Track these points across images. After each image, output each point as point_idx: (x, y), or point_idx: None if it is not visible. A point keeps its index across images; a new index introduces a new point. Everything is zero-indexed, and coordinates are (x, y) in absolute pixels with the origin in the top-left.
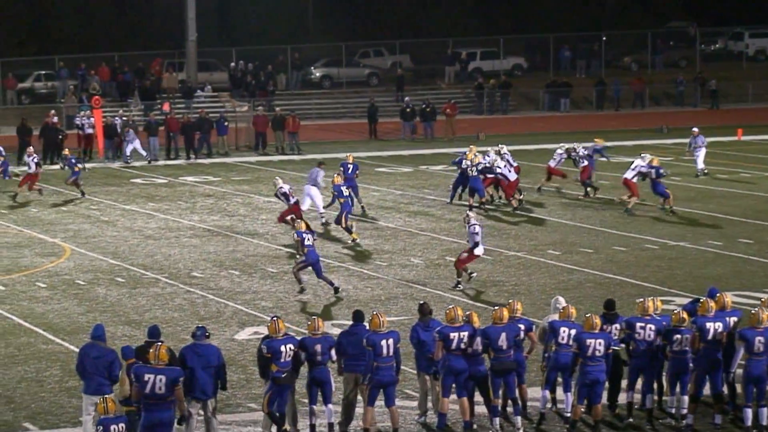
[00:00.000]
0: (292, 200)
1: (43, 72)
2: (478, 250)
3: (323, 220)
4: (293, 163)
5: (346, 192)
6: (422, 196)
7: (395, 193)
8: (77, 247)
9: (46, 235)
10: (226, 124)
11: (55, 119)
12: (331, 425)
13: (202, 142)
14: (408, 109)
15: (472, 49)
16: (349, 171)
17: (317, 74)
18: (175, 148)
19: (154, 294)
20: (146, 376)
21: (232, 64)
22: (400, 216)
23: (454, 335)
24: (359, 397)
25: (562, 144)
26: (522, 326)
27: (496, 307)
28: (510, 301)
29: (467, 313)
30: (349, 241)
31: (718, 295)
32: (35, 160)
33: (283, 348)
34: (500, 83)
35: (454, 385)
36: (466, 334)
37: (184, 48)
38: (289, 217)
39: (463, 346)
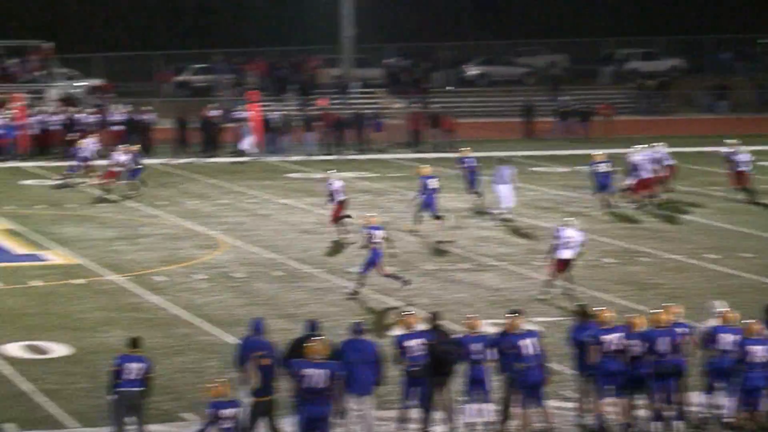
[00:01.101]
0: (338, 198)
1: (201, 65)
2: (562, 254)
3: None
4: (449, 161)
5: (432, 185)
6: (579, 196)
7: (551, 193)
8: (234, 240)
9: (204, 227)
10: (381, 121)
11: (213, 112)
12: (488, 424)
13: (358, 138)
14: (564, 109)
15: (629, 49)
16: (470, 164)
17: (473, 72)
18: (331, 144)
19: (311, 288)
20: (305, 371)
21: (388, 60)
22: (556, 216)
23: (607, 338)
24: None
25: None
26: (682, 330)
27: (656, 311)
28: (669, 304)
29: (631, 315)
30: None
31: None
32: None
33: (413, 343)
34: (658, 84)
35: (610, 388)
36: (619, 336)
37: (340, 44)
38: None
39: (616, 348)
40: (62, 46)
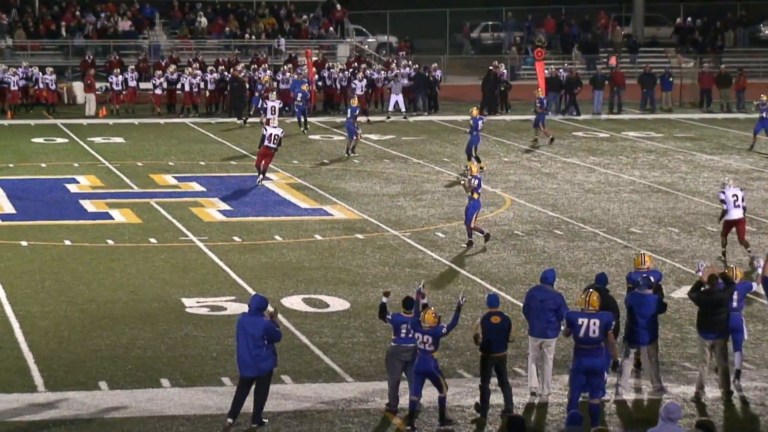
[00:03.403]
0: None
1: (491, 23)
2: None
3: None
4: (738, 121)
5: (480, 127)
6: None
7: None
8: (517, 198)
9: (486, 185)
10: (671, 79)
11: (502, 70)
12: None
13: (647, 97)
14: None
15: None
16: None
17: (766, 32)
18: (618, 103)
19: (592, 248)
20: (580, 320)
21: (678, 19)
22: None
23: None
24: None
25: None
26: None
27: None
28: None
29: None
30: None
31: None
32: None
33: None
34: None
35: None
36: None
37: (631, 2)
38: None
39: None
40: (354, 3)
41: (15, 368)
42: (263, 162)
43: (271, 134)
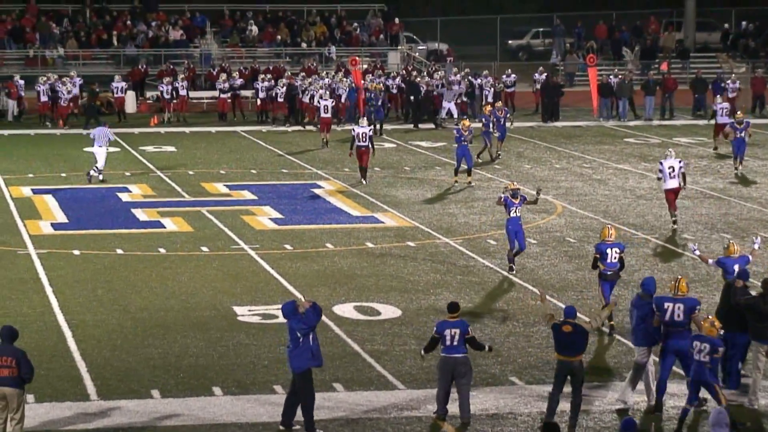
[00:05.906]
0: None
1: (541, 29)
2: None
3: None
4: None
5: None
6: None
7: None
8: (568, 204)
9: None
10: (722, 85)
11: (544, 76)
12: None
13: (698, 102)
14: None
15: None
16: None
17: None
18: (670, 108)
19: (644, 254)
20: (666, 304)
21: (726, 25)
22: None
23: None
24: None
25: None
26: None
27: None
28: None
29: None
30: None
31: None
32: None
33: (609, 251)
34: None
35: None
36: None
37: (682, 7)
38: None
39: None
40: (404, 10)
41: (68, 377)
42: (363, 160)
43: (359, 133)
